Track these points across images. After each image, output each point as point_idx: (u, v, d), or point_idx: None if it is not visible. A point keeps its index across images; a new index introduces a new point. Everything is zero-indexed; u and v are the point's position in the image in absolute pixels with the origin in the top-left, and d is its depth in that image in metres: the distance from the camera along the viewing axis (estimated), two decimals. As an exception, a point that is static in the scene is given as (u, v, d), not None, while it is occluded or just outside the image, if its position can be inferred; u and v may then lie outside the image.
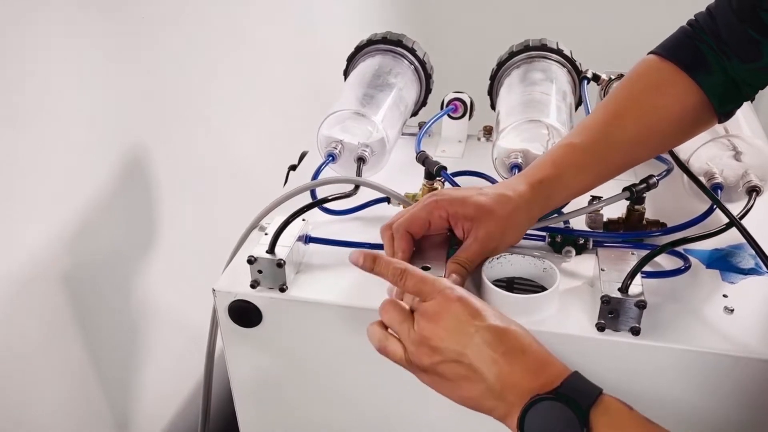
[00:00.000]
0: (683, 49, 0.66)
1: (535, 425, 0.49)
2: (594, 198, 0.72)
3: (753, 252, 0.64)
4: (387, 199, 0.79)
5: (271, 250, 0.66)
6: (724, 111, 0.67)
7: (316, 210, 0.78)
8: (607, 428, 0.47)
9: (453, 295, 0.54)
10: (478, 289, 0.66)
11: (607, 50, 1.52)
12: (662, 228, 0.73)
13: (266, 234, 0.69)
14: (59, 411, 0.83)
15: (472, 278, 0.65)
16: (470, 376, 0.52)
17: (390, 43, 0.97)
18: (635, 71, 0.69)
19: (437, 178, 0.79)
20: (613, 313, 0.60)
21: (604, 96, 0.90)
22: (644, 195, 0.71)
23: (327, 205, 0.79)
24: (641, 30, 1.48)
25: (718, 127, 0.72)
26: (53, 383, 0.81)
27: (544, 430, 0.49)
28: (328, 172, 0.83)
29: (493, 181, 0.83)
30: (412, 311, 0.56)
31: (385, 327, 0.57)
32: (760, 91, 0.66)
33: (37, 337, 0.77)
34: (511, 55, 0.96)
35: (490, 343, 0.52)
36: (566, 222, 0.72)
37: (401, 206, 0.78)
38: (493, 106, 0.97)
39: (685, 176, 0.74)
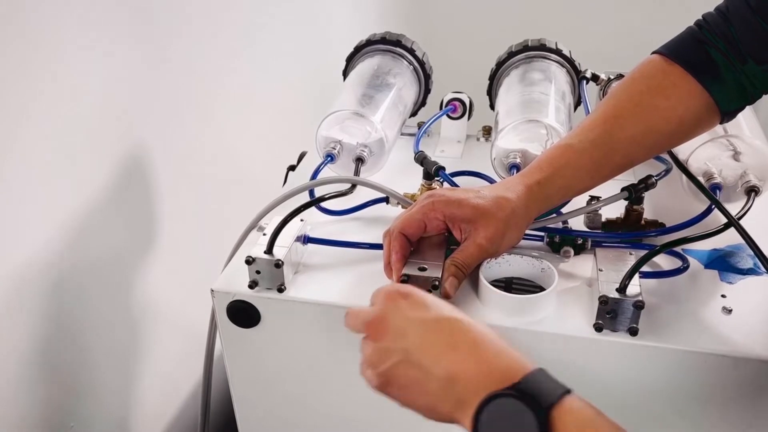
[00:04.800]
0: (691, 52, 0.65)
1: (491, 426, 0.44)
2: (592, 198, 0.72)
3: (751, 252, 0.64)
4: (385, 200, 0.79)
5: (269, 250, 0.66)
6: (728, 114, 0.66)
7: (314, 210, 0.78)
8: (570, 430, 0.42)
9: (393, 291, 0.51)
10: (476, 289, 0.66)
11: (607, 50, 1.52)
12: (661, 228, 0.73)
13: (264, 234, 0.69)
14: (59, 410, 0.83)
15: (469, 278, 0.65)
16: (420, 378, 0.47)
17: (389, 43, 0.97)
18: (638, 71, 0.68)
19: (435, 179, 0.79)
20: (611, 314, 0.60)
21: (603, 96, 0.90)
22: (643, 195, 0.71)
23: (325, 206, 0.78)
24: (640, 30, 1.49)
25: (717, 127, 0.72)
26: (53, 383, 0.81)
27: (502, 431, 0.43)
28: (327, 173, 0.83)
29: (491, 181, 0.83)
30: None
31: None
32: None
33: (36, 337, 0.77)
34: (510, 55, 0.96)
35: (436, 336, 0.47)
36: (565, 222, 0.72)
37: (400, 207, 0.78)
38: (492, 107, 0.97)
39: (683, 176, 0.74)
